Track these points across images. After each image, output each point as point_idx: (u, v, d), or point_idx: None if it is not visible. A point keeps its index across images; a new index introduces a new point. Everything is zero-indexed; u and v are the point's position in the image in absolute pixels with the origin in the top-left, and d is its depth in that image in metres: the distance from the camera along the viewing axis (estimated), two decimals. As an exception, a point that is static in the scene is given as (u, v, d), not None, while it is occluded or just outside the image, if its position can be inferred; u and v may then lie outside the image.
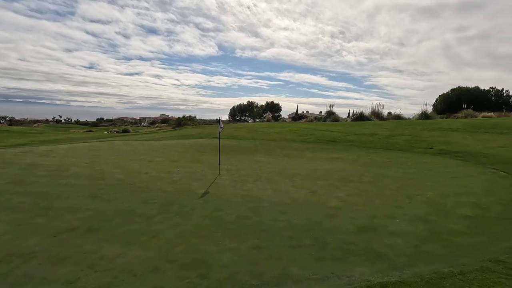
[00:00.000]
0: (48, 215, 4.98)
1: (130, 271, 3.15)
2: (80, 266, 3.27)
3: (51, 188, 6.73)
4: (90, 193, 6.37)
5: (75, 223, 4.62)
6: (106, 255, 3.55)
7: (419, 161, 11.16)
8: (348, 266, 3.20)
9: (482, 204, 5.64)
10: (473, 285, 2.74)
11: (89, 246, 3.81)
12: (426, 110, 25.19)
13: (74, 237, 4.08)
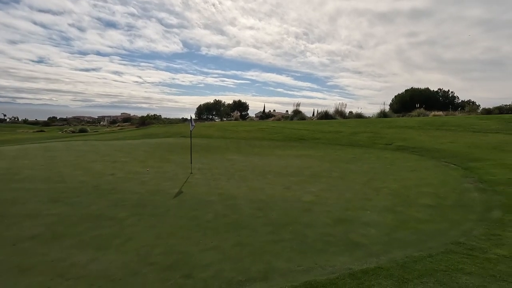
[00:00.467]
0: (3, 222, 4.48)
1: (107, 277, 2.95)
2: (48, 275, 2.99)
3: (3, 193, 6.06)
4: (49, 197, 5.84)
5: (36, 230, 4.21)
6: (77, 262, 3.29)
7: (381, 156, 11.91)
8: (329, 257, 3.32)
9: (440, 194, 6.19)
10: (441, 265, 3.00)
11: (56, 253, 3.49)
12: (384, 109, 26.93)
13: (37, 245, 3.71)
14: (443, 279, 2.73)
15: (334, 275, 2.85)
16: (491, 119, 18.71)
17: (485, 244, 3.56)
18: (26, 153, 11.66)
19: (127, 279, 2.90)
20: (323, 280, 2.74)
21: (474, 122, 17.82)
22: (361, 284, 2.64)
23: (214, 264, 3.17)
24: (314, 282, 2.69)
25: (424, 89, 43.16)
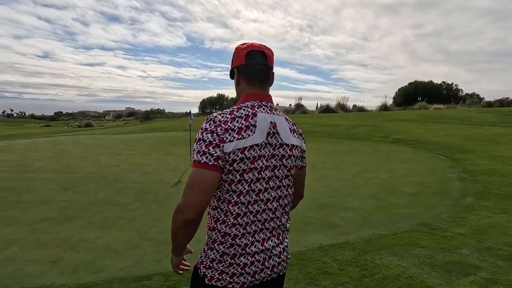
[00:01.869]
0: (18, 207, 5.00)
1: (111, 249, 3.43)
2: (61, 248, 3.49)
3: (16, 183, 6.61)
4: (60, 186, 6.37)
5: (49, 213, 4.73)
6: (86, 238, 3.78)
7: (377, 149, 12.25)
8: (306, 235, 3.76)
9: (424, 183, 6.56)
10: (401, 241, 3.41)
11: (67, 232, 3.99)
12: (386, 103, 27.05)
13: (51, 225, 4.22)
14: (398, 251, 3.15)
15: (305, 248, 3.29)
16: (490, 112, 18.81)
17: (448, 225, 3.95)
18: (35, 146, 12.27)
19: (129, 251, 3.37)
20: (295, 251, 3.17)
21: (472, 115, 17.96)
22: (326, 255, 3.08)
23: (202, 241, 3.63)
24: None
25: (428, 82, 42.92)
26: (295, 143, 1.19)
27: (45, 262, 3.17)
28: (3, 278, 2.84)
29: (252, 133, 1.07)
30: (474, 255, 3.02)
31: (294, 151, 1.18)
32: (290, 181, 1.20)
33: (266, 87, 1.22)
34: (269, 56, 1.21)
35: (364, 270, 2.74)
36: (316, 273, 2.71)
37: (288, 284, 2.54)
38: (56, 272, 2.96)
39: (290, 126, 1.20)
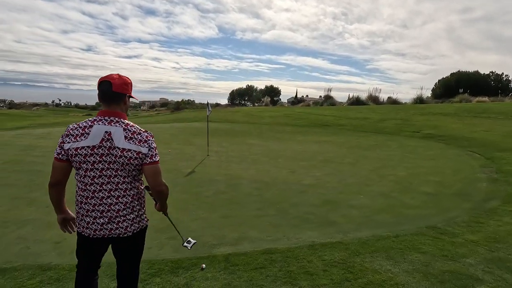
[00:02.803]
0: (41, 190, 5.42)
1: (110, 234, 3.61)
2: (67, 230, 3.73)
3: (46, 167, 7.13)
4: (82, 171, 6.82)
5: (66, 196, 5.07)
6: (91, 222, 4.01)
7: (404, 144, 11.54)
8: (300, 231, 3.65)
9: (445, 183, 6.06)
10: (401, 244, 3.18)
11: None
12: (422, 95, 25.29)
13: (64, 208, 4.54)
14: (394, 255, 2.94)
15: (295, 245, 3.19)
16: (543, 106, 16.80)
17: (460, 230, 3.61)
18: (71, 134, 13.23)
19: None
20: (283, 248, 3.10)
21: (521, 109, 16.17)
22: (314, 254, 2.96)
23: (197, 231, 3.68)
24: (274, 249, 3.07)
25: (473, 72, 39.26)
26: (127, 147, 1.66)
27: (50, 242, 3.42)
28: (10, 255, 3.11)
29: (85, 139, 1.64)
30: (480, 266, 2.73)
31: (126, 153, 1.66)
32: (125, 173, 1.71)
33: (112, 105, 1.73)
34: (115, 84, 1.72)
35: (348, 273, 2.59)
36: (297, 272, 2.62)
37: (265, 282, 2.49)
38: (56, 253, 3.17)
39: (126, 134, 1.68)
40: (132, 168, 1.71)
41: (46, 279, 2.61)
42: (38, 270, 2.76)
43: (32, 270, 2.75)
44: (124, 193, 1.74)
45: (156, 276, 2.62)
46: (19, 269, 2.78)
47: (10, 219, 4.09)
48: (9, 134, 12.93)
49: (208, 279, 2.53)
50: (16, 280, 2.59)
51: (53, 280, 2.60)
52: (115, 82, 1.72)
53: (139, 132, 1.71)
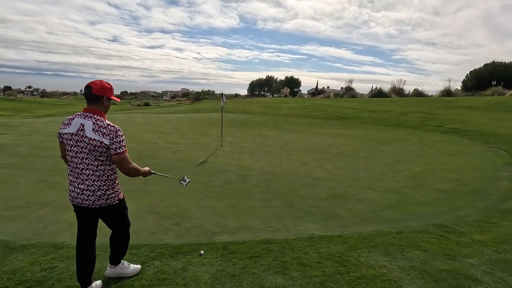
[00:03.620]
0: (63, 175, 5.79)
1: (120, 218, 3.82)
2: (82, 213, 3.99)
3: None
4: (101, 158, 7.18)
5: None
6: (104, 206, 4.25)
7: (425, 139, 11.10)
8: (301, 223, 3.67)
9: (463, 180, 5.80)
10: (402, 241, 3.13)
11: (93, 199, 4.53)
12: (450, 87, 23.95)
13: (82, 192, 4.83)
14: (392, 252, 2.90)
15: (294, 237, 3.23)
16: None
17: (469, 230, 3.49)
18: (95, 122, 13.86)
19: (133, 221, 3.66)
20: (281, 239, 3.15)
21: (560, 104, 14.94)
22: (311, 246, 2.99)
23: (201, 219, 3.81)
24: (272, 239, 3.13)
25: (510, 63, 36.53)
26: (93, 137, 2.11)
27: (65, 223, 3.68)
28: (30, 232, 3.39)
29: (68, 127, 2.20)
30: (481, 267, 2.64)
31: (92, 142, 2.12)
32: (93, 157, 2.15)
33: (91, 104, 2.20)
34: (94, 88, 2.19)
35: (342, 266, 2.60)
36: (290, 263, 2.67)
37: (258, 270, 2.56)
38: (70, 233, 3.41)
39: (94, 127, 2.12)
40: (98, 154, 2.14)
41: (58, 256, 2.84)
42: (52, 248, 2.99)
43: (47, 248, 2.99)
44: (92, 172, 2.17)
45: (156, 260, 2.77)
46: (36, 246, 3.03)
47: (33, 200, 4.42)
48: (39, 121, 13.77)
49: (204, 265, 2.64)
50: (32, 256, 2.83)
51: (64, 258, 2.82)
52: (94, 86, 2.19)
53: (105, 126, 2.14)
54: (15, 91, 59.19)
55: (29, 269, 2.57)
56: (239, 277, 2.43)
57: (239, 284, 2.33)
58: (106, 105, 2.26)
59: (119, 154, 2.15)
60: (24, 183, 5.21)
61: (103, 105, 2.22)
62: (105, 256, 2.76)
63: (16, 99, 33.42)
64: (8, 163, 6.47)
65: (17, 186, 5.08)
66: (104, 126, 2.12)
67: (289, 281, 2.38)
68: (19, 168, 6.14)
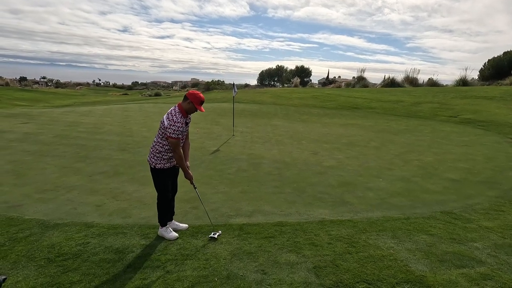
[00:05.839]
0: (85, 161, 6.13)
1: (141, 201, 4.09)
2: (106, 196, 4.29)
3: (88, 142, 7.97)
4: (119, 147, 7.49)
5: (105, 168, 5.70)
6: (126, 190, 4.54)
7: (437, 129, 11.01)
8: (313, 208, 3.85)
9: (474, 170, 5.84)
10: (410, 226, 3.27)
11: (115, 184, 4.83)
12: (465, 76, 23.31)
13: (104, 178, 5.13)
14: (400, 235, 3.05)
15: (305, 220, 3.42)
16: None
17: (477, 217, 3.59)
18: (109, 112, 14.25)
19: (153, 205, 3.92)
20: (293, 222, 3.34)
21: None
22: (322, 228, 3.17)
23: (217, 203, 4.03)
24: (285, 222, 3.32)
25: (531, 51, 34.99)
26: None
27: (93, 205, 3.96)
28: (61, 213, 3.69)
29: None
30: (486, 250, 2.77)
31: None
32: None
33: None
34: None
35: (351, 247, 2.78)
36: (303, 243, 2.86)
37: (272, 249, 2.76)
38: (97, 214, 3.70)
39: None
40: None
41: (90, 234, 3.11)
42: (83, 227, 3.27)
43: (78, 227, 3.28)
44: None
45: (178, 238, 3.00)
46: (68, 225, 3.32)
47: (60, 185, 4.74)
48: (57, 111, 14.26)
49: (223, 243, 2.86)
50: (66, 233, 3.12)
51: (95, 235, 3.09)
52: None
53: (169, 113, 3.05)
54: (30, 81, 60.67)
55: (65, 244, 2.85)
56: (255, 254, 2.64)
57: (255, 260, 2.54)
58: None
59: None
60: (51, 169, 5.55)
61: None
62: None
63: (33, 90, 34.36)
64: (33, 150, 6.84)
65: (44, 171, 5.42)
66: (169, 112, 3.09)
67: (302, 258, 2.57)
68: (44, 155, 6.50)
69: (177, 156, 2.98)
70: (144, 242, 2.92)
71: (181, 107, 2.98)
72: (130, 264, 2.52)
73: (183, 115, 2.97)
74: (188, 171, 3.11)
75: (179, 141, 2.93)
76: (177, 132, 2.85)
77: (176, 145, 2.91)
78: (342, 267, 2.44)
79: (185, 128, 3.02)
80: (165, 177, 3.10)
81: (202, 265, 2.48)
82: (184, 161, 3.05)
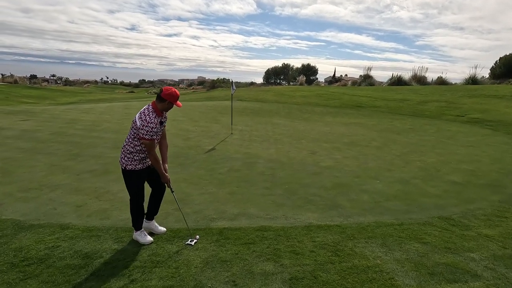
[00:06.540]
0: (76, 159, 6.03)
1: (125, 202, 3.92)
2: (89, 196, 4.16)
3: (84, 139, 7.89)
4: (113, 144, 7.38)
5: (95, 166, 5.59)
6: (111, 190, 4.40)
7: (443, 128, 10.65)
8: (301, 212, 3.64)
9: (478, 172, 5.54)
10: (402, 233, 3.04)
11: (101, 183, 4.70)
12: (475, 74, 22.66)
13: (92, 177, 5.01)
14: (390, 243, 2.83)
15: (291, 225, 3.22)
16: None
17: (476, 223, 3.34)
18: (110, 109, 14.23)
19: (136, 205, 3.82)
20: (277, 226, 3.14)
21: None
22: (307, 234, 2.97)
23: (202, 204, 3.86)
24: (268, 226, 3.13)
25: (545, 48, 33.85)
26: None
27: (73, 205, 3.84)
28: (40, 213, 3.57)
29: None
30: (483, 262, 2.53)
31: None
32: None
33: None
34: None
35: (335, 255, 2.58)
36: (284, 250, 2.67)
37: (250, 256, 2.57)
38: (76, 215, 3.57)
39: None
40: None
41: (63, 236, 2.98)
42: (58, 229, 3.14)
43: (53, 228, 3.15)
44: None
45: (153, 243, 2.84)
46: (43, 226, 3.20)
47: (46, 183, 4.64)
48: (59, 109, 14.30)
49: (198, 249, 2.69)
50: (39, 235, 2.99)
51: (68, 238, 2.95)
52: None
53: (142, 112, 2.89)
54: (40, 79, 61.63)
55: (34, 247, 2.72)
56: (230, 262, 2.46)
57: (228, 269, 2.36)
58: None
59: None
60: (40, 167, 5.46)
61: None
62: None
63: (41, 87, 34.79)
64: (27, 147, 6.79)
65: (33, 169, 5.33)
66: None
67: (279, 268, 2.38)
68: (37, 153, 6.43)
69: (152, 158, 2.82)
70: (116, 247, 2.77)
71: (155, 106, 2.80)
72: (95, 271, 2.37)
73: (158, 114, 2.80)
74: (164, 174, 2.94)
75: (154, 142, 2.76)
76: (151, 133, 2.68)
77: (150, 147, 2.74)
78: (321, 279, 2.24)
79: (159, 128, 2.85)
80: (137, 179, 2.94)
81: (170, 274, 2.31)
82: (160, 163, 2.87)
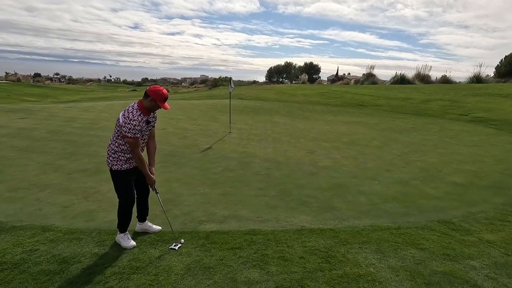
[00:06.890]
0: (70, 158, 5.93)
1: (112, 202, 3.81)
2: (78, 196, 4.04)
3: (80, 137, 7.80)
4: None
5: (88, 165, 5.49)
6: (101, 190, 4.29)
7: (446, 128, 10.44)
8: (294, 214, 3.50)
9: (481, 173, 5.35)
10: (399, 237, 2.89)
11: (92, 183, 4.59)
12: (480, 73, 22.29)
13: (83, 176, 4.90)
14: (385, 249, 2.68)
15: (282, 228, 3.07)
16: None
17: (478, 228, 3.17)
18: (110, 108, 14.14)
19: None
20: (267, 230, 3.00)
21: None
22: (298, 239, 2.82)
23: (192, 206, 3.73)
24: (258, 230, 2.99)
25: (552, 46, 33.28)
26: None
27: (59, 206, 3.73)
28: (23, 214, 3.46)
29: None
30: (484, 271, 2.37)
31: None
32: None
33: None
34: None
35: (325, 262, 2.43)
36: (272, 256, 2.53)
37: (235, 263, 2.44)
38: (61, 216, 3.45)
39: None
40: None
41: (43, 239, 2.86)
42: (39, 231, 3.03)
43: (34, 230, 3.03)
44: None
45: (135, 247, 2.71)
46: (24, 228, 3.08)
47: (35, 183, 4.53)
48: (59, 107, 14.25)
49: (182, 255, 2.55)
50: (18, 238, 2.87)
51: (48, 241, 2.84)
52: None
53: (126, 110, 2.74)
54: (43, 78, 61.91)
55: (10, 251, 2.61)
56: (213, 269, 2.32)
57: (211, 277, 2.23)
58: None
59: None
60: (32, 166, 5.36)
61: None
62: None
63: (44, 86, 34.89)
64: (21, 146, 6.70)
65: (25, 168, 5.23)
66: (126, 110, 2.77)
67: (264, 276, 2.24)
68: (31, 151, 6.34)
69: (136, 158, 2.70)
70: (97, 251, 2.64)
71: (141, 104, 2.69)
72: (70, 278, 2.25)
73: (143, 113, 2.68)
74: (150, 175, 2.83)
75: (137, 141, 2.63)
76: (134, 131, 2.56)
77: (134, 145, 2.63)
78: (309, 289, 2.10)
79: (145, 127, 2.72)
80: (125, 180, 2.81)
81: (148, 282, 2.18)
82: (144, 164, 2.75)
